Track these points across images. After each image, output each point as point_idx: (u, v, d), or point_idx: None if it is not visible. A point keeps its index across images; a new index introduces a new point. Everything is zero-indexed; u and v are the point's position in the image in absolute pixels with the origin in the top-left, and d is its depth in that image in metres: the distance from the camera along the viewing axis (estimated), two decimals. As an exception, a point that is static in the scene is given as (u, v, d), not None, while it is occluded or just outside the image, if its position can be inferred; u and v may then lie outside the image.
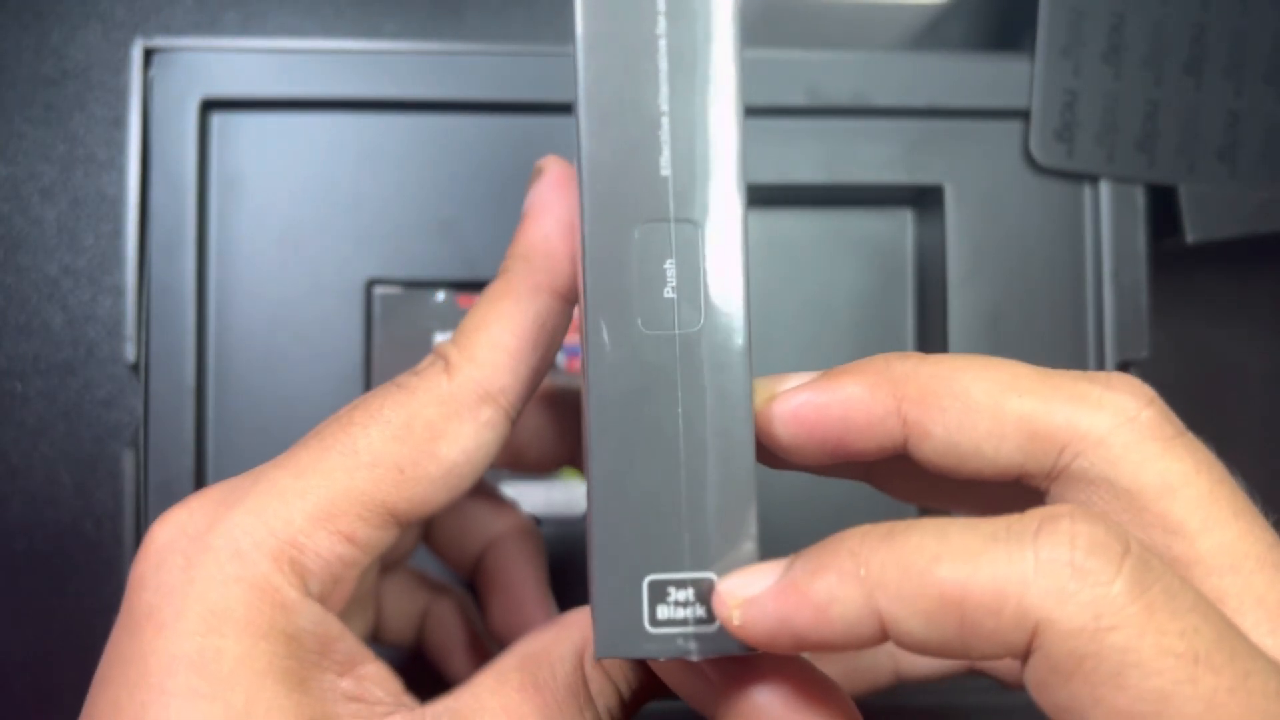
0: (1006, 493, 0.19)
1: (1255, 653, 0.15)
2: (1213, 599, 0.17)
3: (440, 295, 0.33)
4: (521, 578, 0.26)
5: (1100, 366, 0.33)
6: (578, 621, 0.20)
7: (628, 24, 0.18)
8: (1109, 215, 0.34)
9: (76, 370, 0.37)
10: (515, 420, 0.21)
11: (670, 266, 0.19)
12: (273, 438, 0.32)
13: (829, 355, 0.35)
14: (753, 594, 0.17)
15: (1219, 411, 0.40)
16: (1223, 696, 0.15)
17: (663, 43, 0.18)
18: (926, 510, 0.28)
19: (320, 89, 0.32)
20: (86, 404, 0.37)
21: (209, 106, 0.32)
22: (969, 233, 0.34)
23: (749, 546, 0.18)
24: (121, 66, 0.38)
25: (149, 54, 0.32)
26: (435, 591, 0.27)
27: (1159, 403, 0.18)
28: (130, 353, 0.31)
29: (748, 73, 0.34)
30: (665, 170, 0.18)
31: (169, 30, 0.38)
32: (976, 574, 0.15)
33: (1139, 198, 0.34)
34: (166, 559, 0.19)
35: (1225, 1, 0.34)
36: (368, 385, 0.33)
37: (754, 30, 0.37)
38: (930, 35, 0.39)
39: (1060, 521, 0.15)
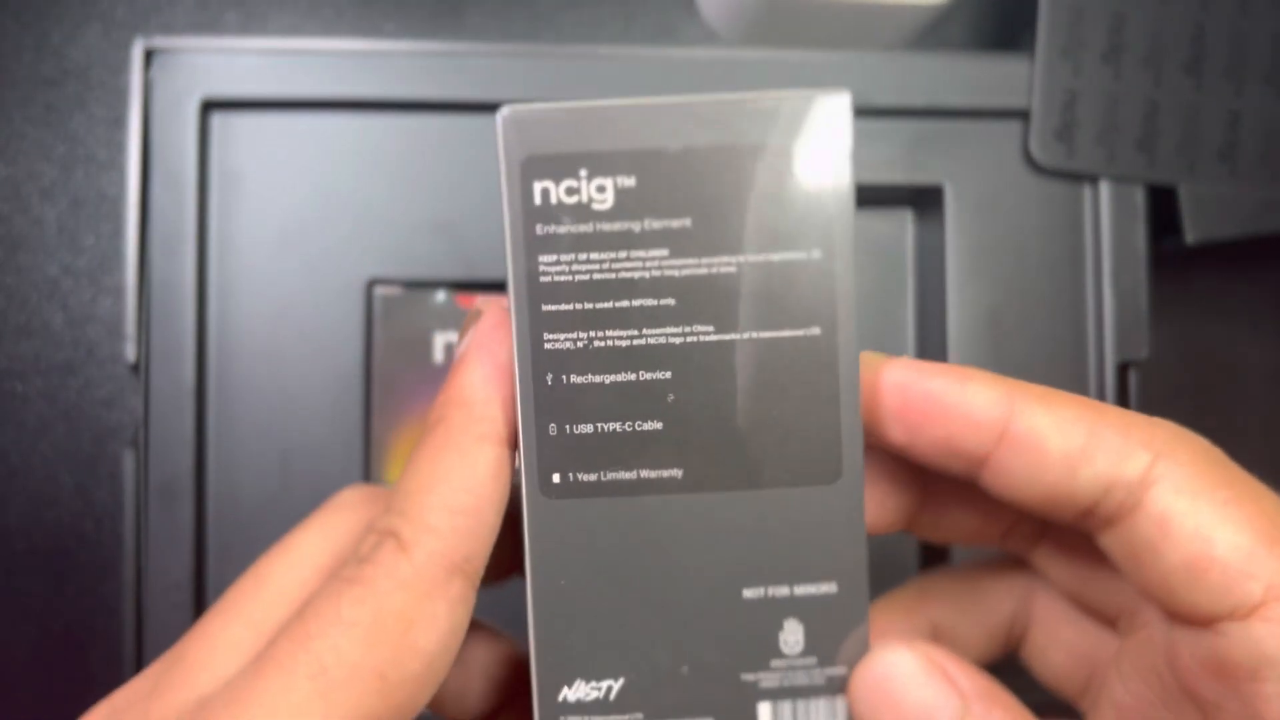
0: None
1: None
2: None
3: (440, 295, 0.33)
4: None
5: (1100, 367, 0.34)
6: None
7: None
8: (1109, 215, 0.34)
9: (77, 370, 0.37)
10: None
11: None
12: (273, 438, 0.32)
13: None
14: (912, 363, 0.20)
15: (1219, 411, 0.40)
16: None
17: None
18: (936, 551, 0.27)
19: (320, 89, 0.32)
20: (86, 404, 0.37)
21: (209, 106, 0.32)
22: (969, 233, 0.34)
23: None
24: (121, 66, 0.38)
25: (149, 54, 0.32)
26: None
27: None
28: (130, 352, 0.31)
29: (747, 73, 0.34)
30: None
31: (169, 30, 0.38)
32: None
33: (1139, 198, 0.34)
34: None
35: (1225, 1, 0.34)
36: (368, 385, 0.33)
37: (754, 30, 0.37)
38: (930, 35, 0.39)
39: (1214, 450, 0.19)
